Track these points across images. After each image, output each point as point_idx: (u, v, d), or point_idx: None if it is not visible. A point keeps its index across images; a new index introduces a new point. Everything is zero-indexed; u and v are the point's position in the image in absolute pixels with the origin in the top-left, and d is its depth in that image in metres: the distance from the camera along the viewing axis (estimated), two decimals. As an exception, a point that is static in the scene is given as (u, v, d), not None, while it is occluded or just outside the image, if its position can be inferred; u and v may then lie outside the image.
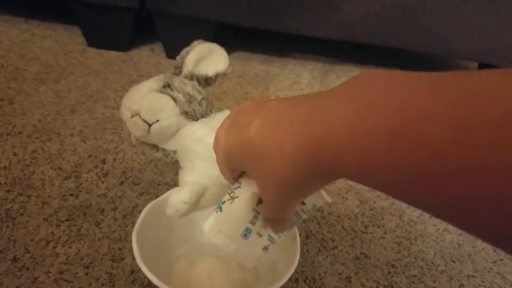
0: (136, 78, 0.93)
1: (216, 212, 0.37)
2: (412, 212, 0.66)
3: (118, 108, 0.80)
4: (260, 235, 0.37)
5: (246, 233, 0.36)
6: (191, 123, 0.50)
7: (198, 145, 0.48)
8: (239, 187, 0.36)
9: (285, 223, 0.36)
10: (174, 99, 0.50)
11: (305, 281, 0.52)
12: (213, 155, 0.38)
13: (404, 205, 0.67)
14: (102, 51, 1.06)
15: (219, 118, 0.51)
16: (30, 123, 0.73)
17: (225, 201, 0.37)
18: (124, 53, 1.07)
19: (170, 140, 0.51)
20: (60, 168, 0.64)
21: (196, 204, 0.46)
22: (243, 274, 0.50)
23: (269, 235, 0.38)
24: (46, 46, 1.02)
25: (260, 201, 0.35)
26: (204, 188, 0.47)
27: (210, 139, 0.39)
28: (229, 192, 0.37)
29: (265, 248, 0.39)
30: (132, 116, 0.49)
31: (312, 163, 0.26)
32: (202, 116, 0.51)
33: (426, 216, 0.66)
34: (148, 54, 1.10)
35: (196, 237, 0.52)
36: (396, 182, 0.22)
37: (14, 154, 0.65)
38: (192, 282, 0.48)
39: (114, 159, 0.68)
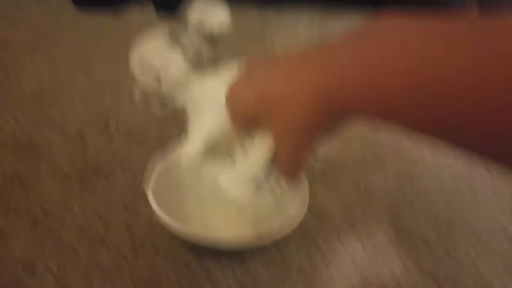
0: (129, 39, 0.91)
1: (229, 166, 0.40)
2: (414, 150, 0.68)
3: (114, 71, 0.80)
4: (272, 188, 0.40)
5: (259, 187, 0.38)
6: (200, 74, 0.50)
7: (209, 97, 0.48)
8: (252, 142, 0.38)
9: (298, 175, 0.38)
10: (183, 54, 0.50)
11: (311, 216, 0.54)
12: (223, 107, 0.38)
13: (406, 143, 0.69)
14: (92, 15, 1.04)
15: (228, 70, 0.51)
16: (29, 91, 0.72)
17: (237, 156, 0.39)
18: (114, 15, 1.05)
19: (179, 92, 0.51)
20: (65, 132, 0.65)
21: (208, 156, 0.47)
22: (255, 217, 0.52)
23: (279, 188, 0.40)
24: (35, 14, 1.00)
25: (273, 158, 0.36)
26: (215, 140, 0.47)
27: (221, 90, 0.39)
28: (241, 147, 0.39)
29: (275, 198, 0.41)
30: (143, 72, 0.50)
31: (330, 110, 0.28)
32: (212, 68, 0.51)
33: (428, 153, 0.68)
34: (138, 13, 1.08)
35: (208, 189, 0.54)
36: (411, 120, 0.24)
37: (17, 122, 0.66)
38: (209, 227, 0.51)
39: (117, 121, 0.68)
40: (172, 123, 0.68)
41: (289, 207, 0.49)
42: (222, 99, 0.39)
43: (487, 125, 0.20)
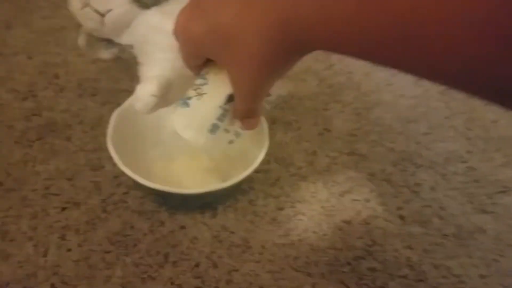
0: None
1: (183, 108, 0.38)
2: (368, 83, 0.70)
3: (54, 18, 0.76)
4: (227, 131, 0.39)
5: (214, 129, 0.37)
6: (144, 11, 0.48)
7: (156, 35, 0.46)
8: (206, 83, 0.36)
9: (258, 117, 0.37)
10: None
11: (275, 161, 0.57)
12: (173, 43, 0.36)
13: (360, 77, 0.71)
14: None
15: (174, 3, 0.48)
16: (-34, 46, 0.68)
17: (191, 97, 0.37)
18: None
19: (125, 33, 0.49)
20: (14, 89, 0.62)
21: (164, 97, 0.45)
22: (217, 164, 0.53)
23: (235, 131, 0.40)
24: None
25: (228, 99, 0.36)
26: (169, 81, 0.45)
27: (168, 26, 0.36)
28: (194, 88, 0.37)
29: (231, 142, 0.41)
30: (83, 8, 0.47)
31: (286, 39, 0.27)
32: (155, 4, 0.48)
33: (382, 84, 0.70)
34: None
35: (167, 138, 0.54)
36: (366, 46, 0.24)
37: (-40, 81, 0.62)
38: (172, 178, 0.51)
39: (66, 73, 0.66)
40: (123, 69, 0.66)
41: (248, 149, 0.50)
42: (170, 35, 0.36)
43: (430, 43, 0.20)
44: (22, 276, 0.43)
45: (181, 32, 0.33)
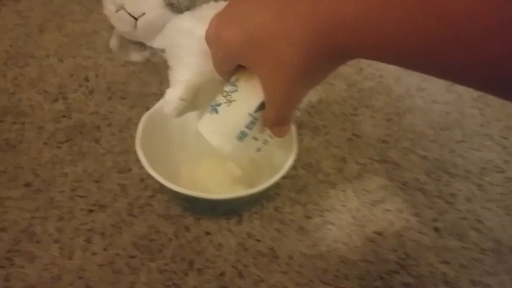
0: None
1: (212, 114, 0.37)
2: (399, 88, 0.68)
3: (86, 22, 0.77)
4: (256, 139, 0.38)
5: (242, 137, 0.37)
6: (177, 16, 0.48)
7: (187, 39, 0.45)
8: (236, 90, 0.36)
9: (289, 125, 0.36)
10: None
11: (303, 167, 0.55)
12: (205, 49, 0.36)
13: (391, 82, 0.68)
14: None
15: (206, 8, 0.48)
16: (2, 49, 0.69)
17: (220, 104, 0.37)
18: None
19: (157, 37, 0.49)
20: (45, 91, 0.63)
21: (192, 102, 0.45)
22: (243, 169, 0.52)
23: (264, 138, 0.39)
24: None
25: (258, 108, 0.35)
26: (198, 85, 0.45)
27: (200, 31, 0.37)
28: (224, 94, 0.37)
29: (259, 150, 0.40)
30: (117, 11, 0.48)
31: (325, 46, 0.26)
32: (188, 9, 0.48)
33: (414, 90, 0.68)
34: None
35: (195, 141, 0.53)
36: (413, 50, 0.22)
37: (-5, 83, 0.63)
38: (198, 181, 0.51)
39: (96, 75, 0.67)
40: (152, 73, 0.66)
41: (275, 153, 0.49)
42: (202, 40, 0.36)
43: (488, 45, 0.19)
44: (47, 279, 0.43)
45: (214, 38, 0.33)
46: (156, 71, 0.66)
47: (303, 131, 0.60)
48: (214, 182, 0.50)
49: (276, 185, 0.47)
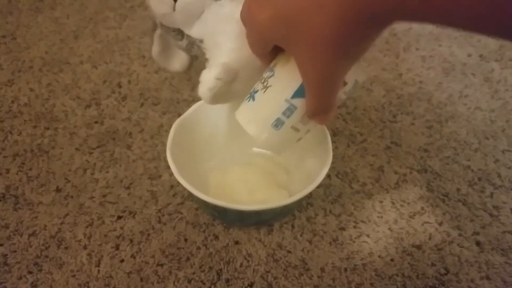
0: (134, -6, 0.88)
1: (249, 101, 0.36)
2: (441, 94, 0.64)
3: (120, 28, 0.77)
4: (296, 130, 0.36)
5: (278, 124, 0.35)
6: (215, 1, 0.46)
7: (225, 24, 0.44)
8: (272, 75, 0.34)
9: (331, 111, 0.33)
10: None
11: (337, 176, 0.53)
12: (242, 32, 0.34)
13: (432, 88, 0.65)
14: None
15: None
16: (38, 56, 0.71)
17: (258, 90, 0.35)
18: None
19: (195, 24, 0.47)
20: (78, 97, 0.64)
21: (229, 83, 0.43)
22: (275, 176, 0.51)
23: (307, 129, 0.37)
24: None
25: (297, 94, 0.33)
26: (235, 69, 0.43)
27: (238, 14, 0.35)
28: (262, 81, 0.35)
29: (299, 139, 0.38)
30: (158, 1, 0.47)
31: (361, 14, 0.24)
32: None
33: (456, 96, 0.64)
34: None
35: (225, 148, 0.52)
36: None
37: (31, 89, 0.64)
38: (227, 189, 0.49)
39: (129, 82, 0.67)
40: (184, 80, 0.66)
41: (309, 160, 0.47)
42: (240, 23, 0.34)
43: None
44: (74, 286, 0.43)
45: (247, 18, 0.31)
46: (188, 77, 0.66)
47: (338, 138, 0.58)
48: (245, 191, 0.49)
49: (309, 195, 0.45)
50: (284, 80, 0.33)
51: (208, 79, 0.41)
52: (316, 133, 0.46)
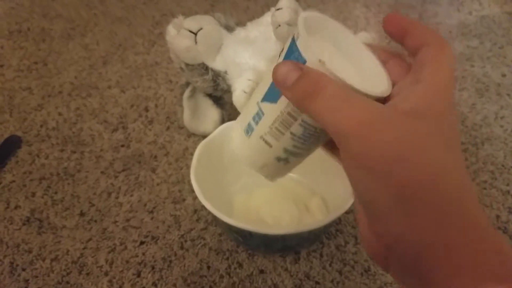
0: (160, 19, 0.89)
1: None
2: (475, 116, 0.62)
3: (148, 54, 0.78)
4: (269, 144, 0.29)
5: (248, 130, 0.30)
6: (232, 33, 0.55)
7: (244, 46, 0.50)
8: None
9: None
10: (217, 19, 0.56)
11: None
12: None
13: (466, 109, 0.62)
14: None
15: (262, 21, 0.55)
16: (67, 81, 0.72)
17: None
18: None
19: (218, 57, 0.55)
20: (106, 121, 0.64)
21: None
22: (302, 199, 0.49)
23: (283, 148, 0.29)
24: (66, 1, 0.99)
25: (265, 98, 0.27)
26: (261, 75, 0.50)
27: (255, 32, 0.42)
28: None
29: (280, 160, 0.30)
30: (178, 31, 0.55)
31: None
32: (238, 25, 0.56)
33: (491, 117, 0.61)
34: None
35: (249, 172, 0.51)
36: None
37: (59, 114, 0.65)
38: (252, 212, 0.48)
39: (156, 106, 0.67)
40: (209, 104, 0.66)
41: (336, 183, 0.45)
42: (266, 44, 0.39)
43: None
44: (95, 313, 0.42)
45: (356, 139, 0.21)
46: (213, 102, 0.66)
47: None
48: (270, 215, 0.47)
49: (338, 221, 0.43)
50: (262, 81, 0.29)
51: (240, 83, 0.46)
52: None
